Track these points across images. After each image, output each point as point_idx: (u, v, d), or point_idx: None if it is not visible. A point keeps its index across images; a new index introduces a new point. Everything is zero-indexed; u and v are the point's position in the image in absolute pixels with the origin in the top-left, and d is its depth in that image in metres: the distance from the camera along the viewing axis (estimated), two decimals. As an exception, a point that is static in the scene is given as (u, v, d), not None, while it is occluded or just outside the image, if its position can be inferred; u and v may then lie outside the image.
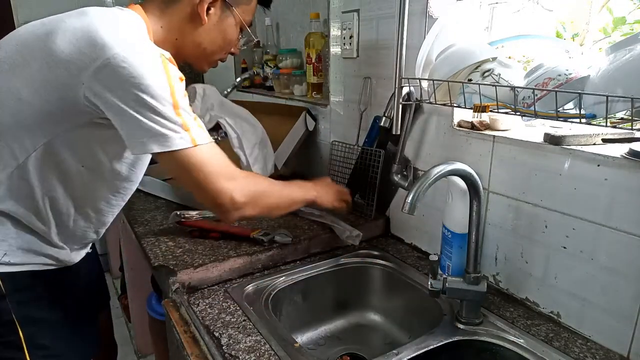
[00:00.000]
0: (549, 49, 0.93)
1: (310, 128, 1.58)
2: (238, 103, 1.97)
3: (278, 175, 1.48)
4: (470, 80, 0.91)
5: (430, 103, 0.97)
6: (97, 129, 0.84)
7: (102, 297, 1.27)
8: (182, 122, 0.79)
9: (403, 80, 1.05)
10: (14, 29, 0.87)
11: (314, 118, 1.60)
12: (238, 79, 1.70)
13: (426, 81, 0.98)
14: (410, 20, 1.06)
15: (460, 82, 0.90)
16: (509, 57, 0.96)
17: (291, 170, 1.66)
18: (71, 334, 0.98)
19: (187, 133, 0.80)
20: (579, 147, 0.83)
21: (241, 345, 0.84)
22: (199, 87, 1.42)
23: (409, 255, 1.21)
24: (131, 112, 0.76)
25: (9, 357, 0.91)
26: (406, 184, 1.20)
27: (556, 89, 0.74)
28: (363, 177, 1.33)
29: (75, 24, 0.79)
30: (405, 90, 1.07)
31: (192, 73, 2.66)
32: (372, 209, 1.30)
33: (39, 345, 0.92)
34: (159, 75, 0.77)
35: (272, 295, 1.03)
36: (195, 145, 0.81)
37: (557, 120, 0.75)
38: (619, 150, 0.79)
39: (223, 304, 0.97)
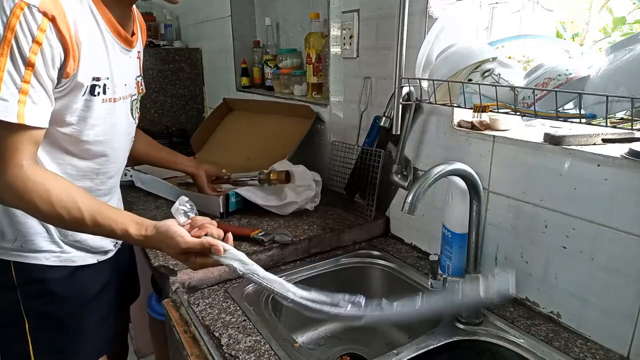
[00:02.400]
0: (549, 49, 0.93)
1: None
2: (239, 103, 1.98)
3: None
4: (470, 80, 0.91)
5: (430, 103, 0.97)
6: None
7: (125, 296, 1.23)
8: None
9: (403, 80, 1.05)
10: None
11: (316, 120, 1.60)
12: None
13: (426, 81, 0.98)
14: (410, 20, 1.06)
15: (460, 82, 0.90)
16: (509, 57, 0.96)
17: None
18: (77, 332, 0.98)
19: None
20: (579, 147, 0.83)
21: (241, 345, 0.84)
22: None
23: (409, 255, 1.21)
24: None
25: (14, 347, 0.92)
26: (406, 184, 1.20)
27: (556, 89, 0.74)
28: (363, 177, 1.33)
29: None
30: (405, 90, 1.07)
31: (192, 73, 2.67)
32: (372, 209, 1.30)
33: (43, 339, 0.93)
34: None
35: (272, 295, 1.03)
36: None
37: (557, 120, 0.75)
38: (619, 150, 0.79)
39: (223, 304, 0.97)
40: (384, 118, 1.19)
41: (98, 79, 0.83)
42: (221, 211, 1.32)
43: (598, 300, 0.83)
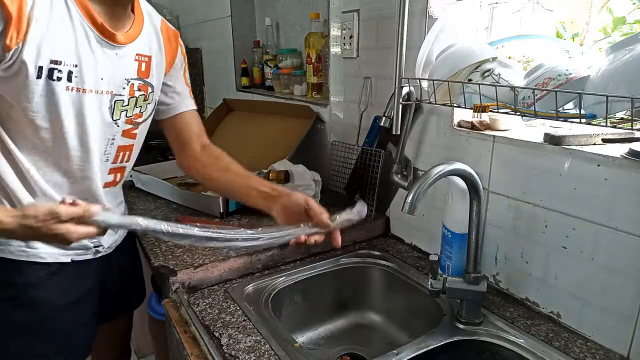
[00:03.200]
0: (549, 49, 0.93)
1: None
2: (239, 103, 1.98)
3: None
4: (470, 80, 0.91)
5: (430, 103, 0.97)
6: None
7: (126, 301, 1.21)
8: None
9: (403, 80, 1.05)
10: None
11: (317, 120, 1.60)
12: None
13: (426, 81, 0.98)
14: (410, 20, 1.06)
15: (460, 82, 0.90)
16: (509, 57, 0.96)
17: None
18: (54, 339, 0.94)
19: None
20: (579, 147, 0.83)
21: (241, 345, 0.84)
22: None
23: (409, 255, 1.21)
24: None
25: None
26: (406, 184, 1.20)
27: (556, 89, 0.74)
28: (363, 177, 1.33)
29: None
30: (405, 90, 1.07)
31: (192, 73, 2.67)
32: (372, 209, 1.30)
33: (12, 345, 0.90)
34: None
35: (272, 295, 1.03)
36: None
37: (557, 120, 0.75)
38: (619, 150, 0.79)
39: (223, 304, 0.97)
40: (384, 118, 1.18)
41: (58, 63, 0.80)
42: (221, 211, 1.32)
43: (598, 300, 0.83)
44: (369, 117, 1.34)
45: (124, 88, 0.93)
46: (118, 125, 0.95)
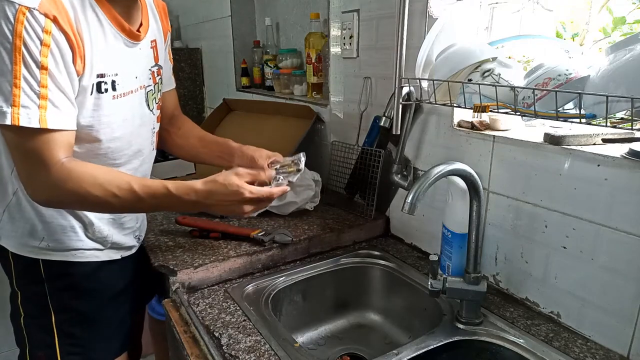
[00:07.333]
0: (549, 49, 0.93)
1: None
2: (239, 103, 1.98)
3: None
4: (470, 80, 0.91)
5: (430, 103, 0.97)
6: None
7: (142, 296, 1.23)
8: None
9: (403, 80, 1.05)
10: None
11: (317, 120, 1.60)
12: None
13: (426, 81, 0.98)
14: (410, 20, 1.06)
15: (460, 82, 0.90)
16: (509, 57, 0.96)
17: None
18: (102, 328, 0.99)
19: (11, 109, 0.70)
20: (579, 147, 0.83)
21: (241, 345, 0.84)
22: None
23: (409, 255, 1.21)
24: None
25: (40, 339, 0.95)
26: (406, 184, 1.20)
27: (556, 89, 0.74)
28: (363, 177, 1.33)
29: None
30: (405, 90, 1.07)
31: (192, 73, 2.67)
32: (372, 209, 1.30)
33: (68, 333, 0.95)
34: None
35: (272, 295, 1.03)
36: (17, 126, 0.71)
37: (557, 120, 0.75)
38: (619, 150, 0.79)
39: (223, 304, 0.97)
40: (384, 118, 1.19)
41: (102, 76, 0.83)
42: (221, 211, 1.32)
43: (598, 300, 0.83)
44: (369, 117, 1.34)
45: (150, 78, 0.97)
46: (154, 114, 1.01)
